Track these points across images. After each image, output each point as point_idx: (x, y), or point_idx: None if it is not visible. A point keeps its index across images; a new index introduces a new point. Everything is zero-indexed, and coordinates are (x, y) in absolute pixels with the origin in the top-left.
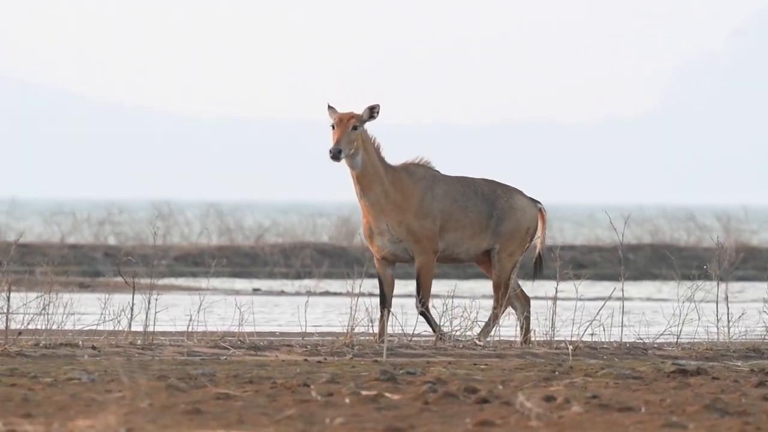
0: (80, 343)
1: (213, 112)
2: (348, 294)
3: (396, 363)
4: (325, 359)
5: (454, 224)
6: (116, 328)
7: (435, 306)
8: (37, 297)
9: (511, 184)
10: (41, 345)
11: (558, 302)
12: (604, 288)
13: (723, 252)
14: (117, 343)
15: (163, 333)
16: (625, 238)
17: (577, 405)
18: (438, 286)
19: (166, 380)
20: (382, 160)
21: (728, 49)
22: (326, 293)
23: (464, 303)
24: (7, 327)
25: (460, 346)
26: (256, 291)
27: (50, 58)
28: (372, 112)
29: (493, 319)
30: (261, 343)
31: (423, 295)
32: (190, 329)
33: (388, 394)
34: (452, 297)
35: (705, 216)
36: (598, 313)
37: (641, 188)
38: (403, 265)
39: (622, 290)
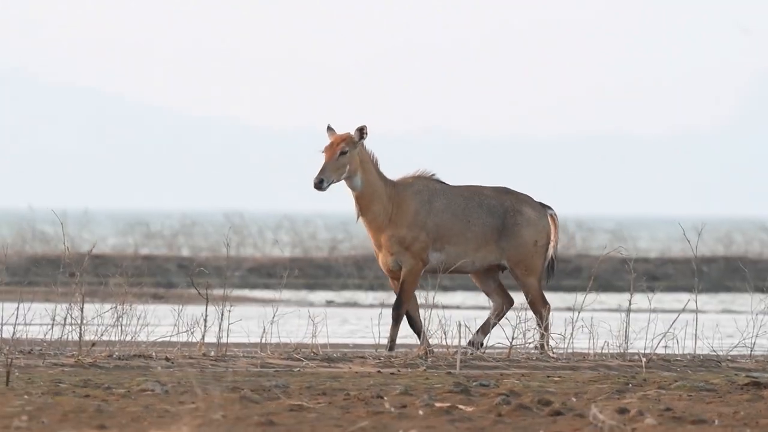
0: (154, 354)
1: (288, 122)
2: (421, 306)
3: (469, 375)
4: (399, 371)
5: (455, 238)
6: (190, 340)
7: (508, 318)
8: (111, 308)
9: (521, 192)
10: (115, 356)
11: (631, 314)
12: (677, 300)
13: None
14: (190, 355)
15: (237, 344)
16: (699, 251)
17: (650, 417)
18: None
19: (240, 392)
20: (381, 176)
21: None
22: None
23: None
24: (81, 338)
25: (534, 358)
26: (329, 303)
27: (125, 67)
28: (361, 133)
29: (545, 330)
30: (334, 355)
31: (402, 300)
32: (263, 341)
33: (461, 406)
34: (525, 309)
35: None
36: (671, 326)
37: (715, 200)
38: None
39: (696, 302)
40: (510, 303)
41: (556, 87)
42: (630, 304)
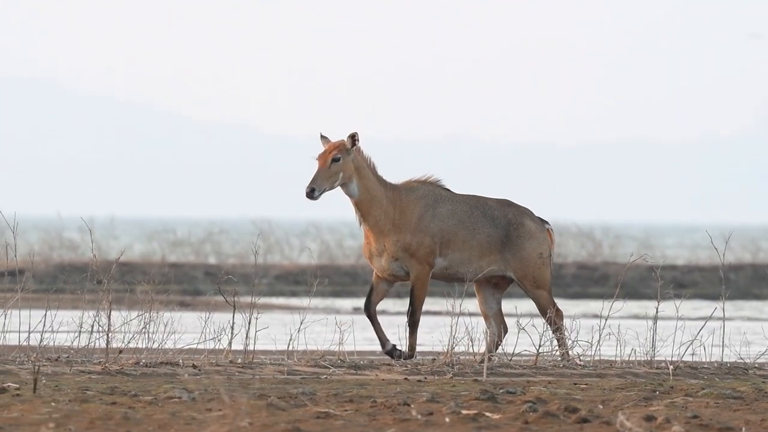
0: (181, 361)
1: (315, 131)
2: (448, 313)
3: (496, 382)
4: (426, 378)
5: (460, 244)
6: (217, 347)
7: (535, 326)
8: (138, 315)
9: (522, 205)
10: (142, 363)
11: (658, 322)
12: (704, 308)
13: None
14: (217, 362)
15: (264, 352)
16: (726, 258)
17: (677, 425)
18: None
19: (267, 399)
20: (380, 180)
21: None
22: (426, 312)
23: (564, 322)
24: (108, 345)
25: (561, 365)
26: (356, 310)
27: (149, 77)
28: (353, 140)
29: (563, 340)
30: (361, 362)
31: (415, 307)
32: (290, 348)
33: (488, 414)
34: (552, 316)
35: None
36: (698, 333)
37: (742, 208)
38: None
39: (723, 310)
40: (505, 331)
41: (582, 94)
42: (657, 311)
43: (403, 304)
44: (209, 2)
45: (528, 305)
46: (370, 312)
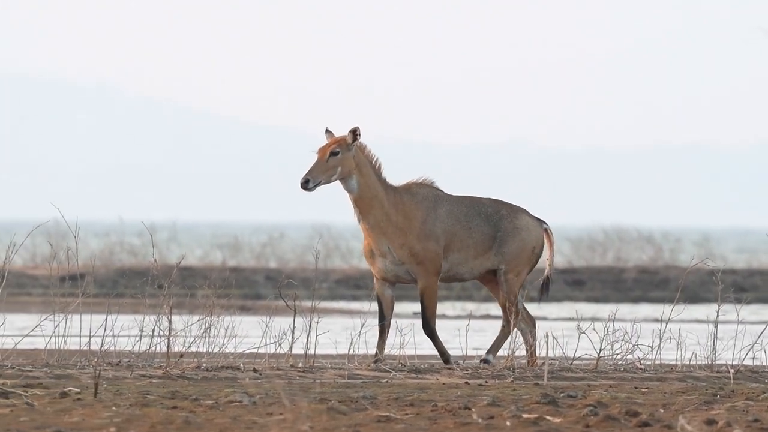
0: (241, 365)
1: (374, 136)
2: None
3: (557, 386)
4: (486, 382)
5: (458, 244)
6: (277, 351)
7: (596, 329)
8: (199, 320)
9: (515, 204)
10: (203, 368)
11: (719, 326)
12: (765, 312)
13: None
14: (278, 366)
15: (324, 356)
16: None
17: (738, 429)
18: (598, 309)
19: (327, 403)
20: (382, 181)
21: None
22: (487, 316)
23: (625, 326)
24: (168, 349)
25: (621, 369)
26: (416, 314)
27: (210, 82)
28: (354, 135)
29: (503, 338)
30: (422, 366)
31: (428, 317)
32: (350, 352)
33: (549, 417)
34: (613, 320)
35: None
36: (759, 337)
37: None
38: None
39: None
40: (534, 324)
41: (638, 98)
42: (718, 315)
43: (463, 308)
44: (279, 7)
45: (589, 309)
46: (385, 326)
